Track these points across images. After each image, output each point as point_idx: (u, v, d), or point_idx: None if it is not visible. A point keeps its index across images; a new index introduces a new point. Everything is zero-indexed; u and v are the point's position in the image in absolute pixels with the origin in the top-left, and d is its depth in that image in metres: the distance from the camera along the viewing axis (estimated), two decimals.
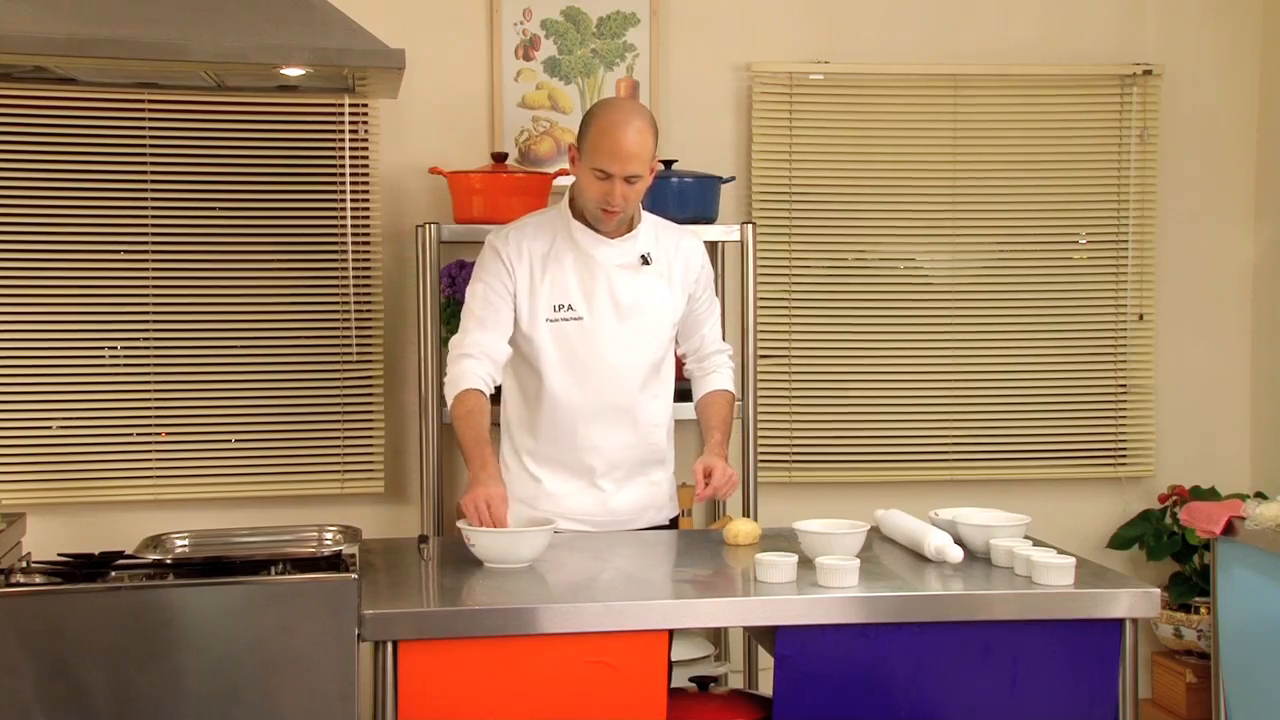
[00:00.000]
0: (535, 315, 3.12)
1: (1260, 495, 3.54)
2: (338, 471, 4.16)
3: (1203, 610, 4.27)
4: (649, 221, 3.21)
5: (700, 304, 3.27)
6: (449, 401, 3.07)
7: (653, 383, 3.21)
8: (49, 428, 4.05)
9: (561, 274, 3.12)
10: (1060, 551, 2.77)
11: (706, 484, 3.03)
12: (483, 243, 3.93)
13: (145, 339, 4.06)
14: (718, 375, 3.33)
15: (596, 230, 3.12)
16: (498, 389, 3.17)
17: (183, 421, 4.09)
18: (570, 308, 3.11)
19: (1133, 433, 4.52)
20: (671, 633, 2.55)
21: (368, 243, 4.14)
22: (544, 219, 3.20)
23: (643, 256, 3.15)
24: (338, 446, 4.16)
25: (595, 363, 3.12)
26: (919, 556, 2.87)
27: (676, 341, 3.30)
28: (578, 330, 3.11)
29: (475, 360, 3.07)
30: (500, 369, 3.11)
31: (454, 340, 3.14)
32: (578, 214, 3.14)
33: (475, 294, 3.15)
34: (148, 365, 4.06)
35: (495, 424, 3.11)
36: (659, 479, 3.27)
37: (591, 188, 3.04)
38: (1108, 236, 4.50)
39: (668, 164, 3.94)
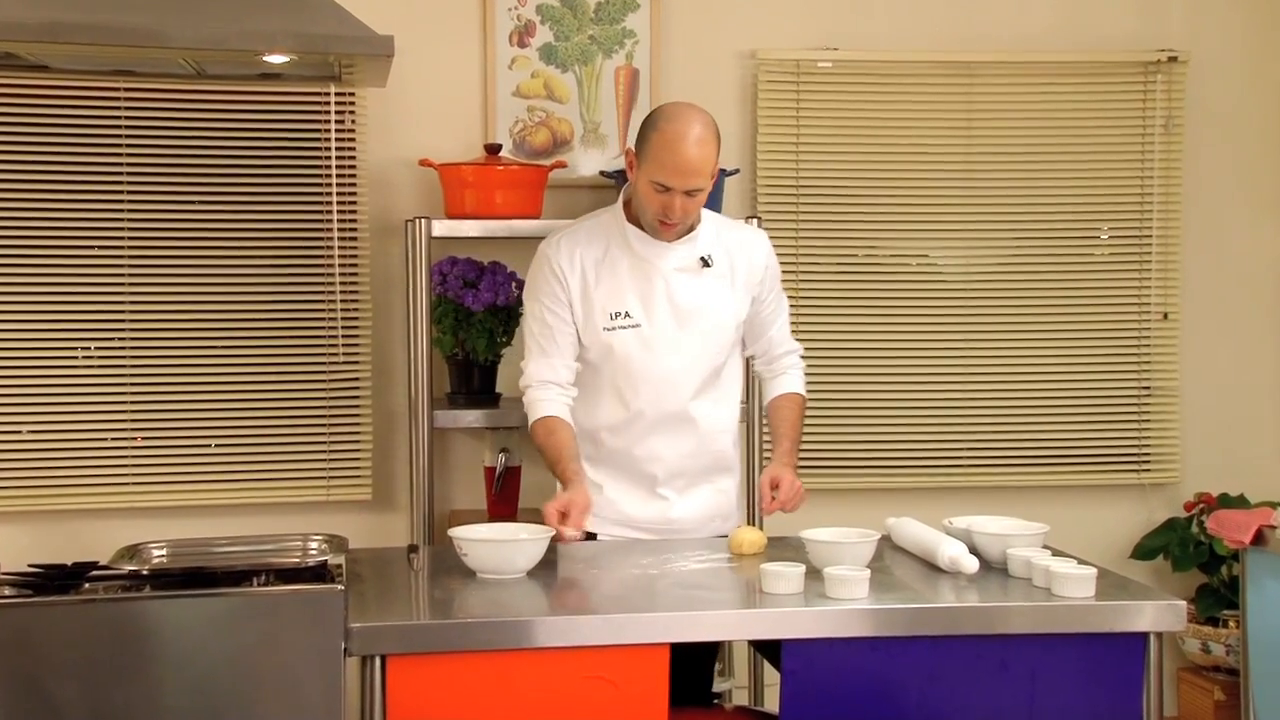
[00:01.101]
0: (591, 324, 3.14)
1: None
2: (323, 478, 4.16)
3: (1231, 624, 4.27)
4: (709, 221, 3.22)
5: (767, 304, 3.29)
6: (530, 431, 3.18)
7: (714, 388, 3.23)
8: (19, 432, 4.05)
9: (617, 280, 3.14)
10: (1081, 562, 2.77)
11: (773, 497, 3.08)
12: (474, 238, 3.98)
13: (120, 338, 4.06)
14: (787, 377, 3.36)
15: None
16: None
17: (160, 425, 4.09)
18: (627, 315, 3.14)
19: (1157, 437, 4.53)
20: (673, 647, 2.55)
21: (355, 238, 4.14)
22: (598, 223, 3.21)
23: (703, 259, 3.16)
24: (323, 451, 4.16)
25: (654, 371, 3.14)
26: (932, 567, 2.86)
27: (744, 343, 3.31)
28: (636, 338, 3.13)
29: (539, 389, 3.15)
30: (570, 386, 3.17)
31: (523, 364, 3.22)
32: (633, 218, 3.15)
33: (532, 314, 3.19)
34: (123, 366, 4.07)
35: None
36: (726, 487, 3.29)
37: (650, 200, 3.06)
38: (1130, 231, 4.50)
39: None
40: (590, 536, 3.18)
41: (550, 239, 3.21)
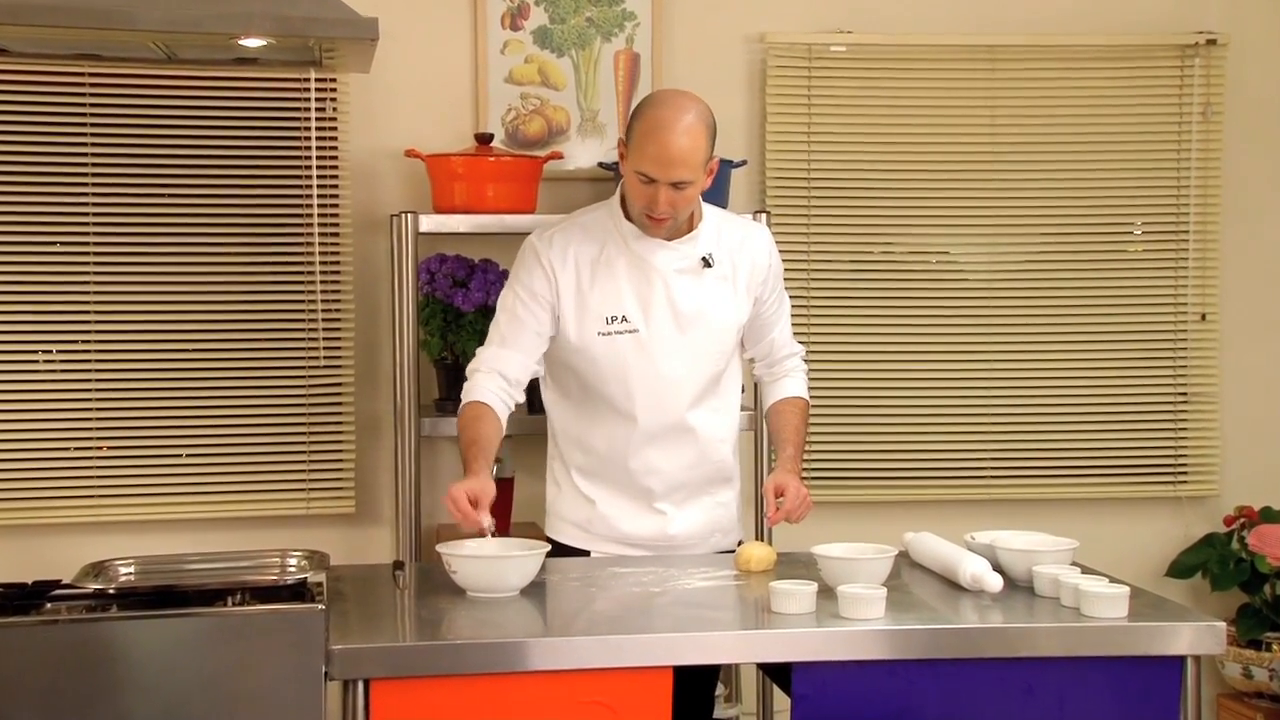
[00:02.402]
0: (585, 328, 3.14)
1: None
2: (302, 489, 4.17)
3: (1274, 647, 4.27)
4: (711, 217, 3.22)
5: (769, 306, 3.29)
6: (459, 411, 3.14)
7: (714, 395, 3.23)
8: None
9: (614, 282, 3.14)
10: (1112, 580, 2.77)
11: (778, 506, 3.08)
12: (464, 234, 3.99)
13: (84, 341, 4.06)
14: (790, 380, 3.36)
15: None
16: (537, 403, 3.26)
17: (127, 433, 4.09)
18: (624, 319, 3.13)
19: (1194, 447, 4.53)
20: (676, 670, 2.55)
21: (336, 234, 4.15)
22: (593, 219, 3.21)
23: (704, 259, 3.16)
24: (302, 461, 4.16)
25: (652, 378, 3.14)
26: (953, 585, 2.87)
27: (743, 346, 3.32)
28: (633, 344, 3.13)
29: (485, 375, 3.13)
30: (518, 389, 3.16)
31: (477, 350, 3.20)
32: (629, 213, 3.16)
33: (504, 304, 3.19)
34: (87, 370, 4.07)
35: (506, 436, 3.18)
36: (726, 499, 3.30)
37: (636, 192, 3.06)
38: (1166, 227, 4.50)
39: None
40: (583, 554, 3.19)
41: (542, 233, 3.21)
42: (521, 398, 3.18)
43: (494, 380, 3.13)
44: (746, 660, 2.93)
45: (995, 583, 2.76)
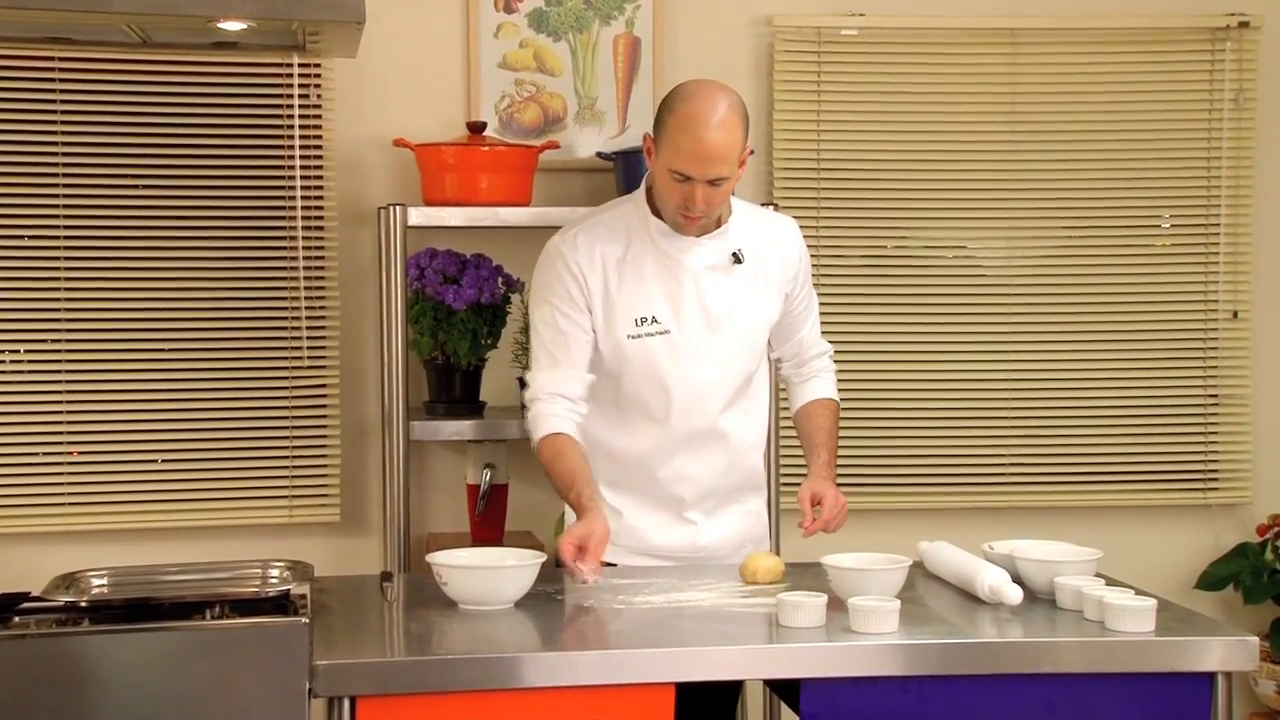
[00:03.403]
0: (614, 330, 3.14)
1: None
2: (285, 497, 4.17)
3: None
4: (740, 211, 3.22)
5: (798, 302, 3.30)
6: (535, 450, 3.15)
7: (745, 399, 3.24)
8: None
9: (642, 281, 3.15)
10: (1138, 592, 2.77)
11: (815, 515, 3.10)
12: (455, 227, 3.99)
13: (55, 340, 4.07)
14: (819, 381, 3.38)
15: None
16: None
17: (99, 437, 4.09)
18: (655, 320, 3.14)
19: (1225, 452, 4.53)
20: (691, 689, 2.55)
21: (321, 228, 4.15)
22: (617, 215, 3.22)
23: (734, 255, 3.17)
24: (285, 467, 4.17)
25: (684, 382, 3.15)
26: (971, 597, 2.87)
27: (770, 345, 3.33)
28: (664, 346, 3.14)
29: (546, 403, 3.13)
30: (582, 401, 3.16)
31: (529, 375, 3.20)
32: (656, 209, 3.16)
33: (542, 319, 3.18)
34: (58, 371, 4.07)
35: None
36: (756, 508, 3.31)
37: (669, 191, 3.06)
38: (1196, 220, 4.50)
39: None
40: (608, 566, 3.19)
41: (564, 235, 3.21)
42: (585, 409, 3.17)
43: (557, 405, 3.12)
44: (753, 677, 2.92)
45: (1015, 595, 2.77)
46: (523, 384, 3.25)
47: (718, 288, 3.17)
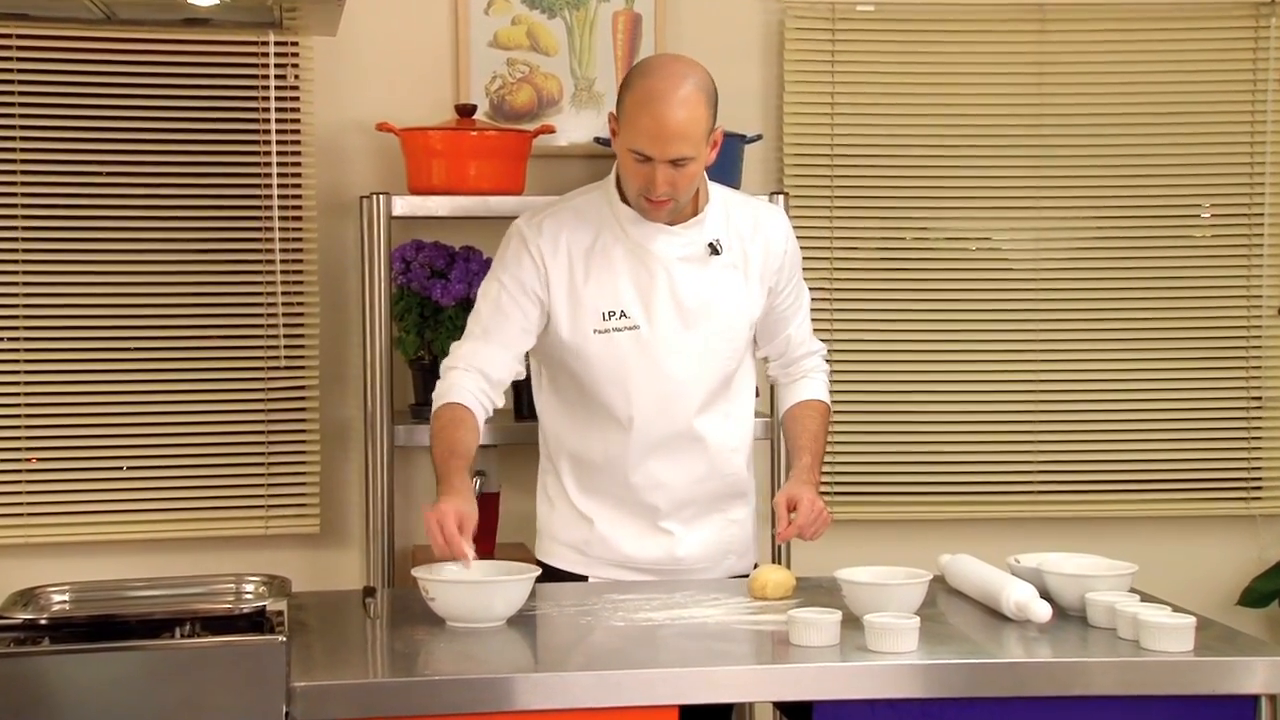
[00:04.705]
0: (580, 325, 3.15)
1: None
2: (260, 506, 4.17)
3: None
4: (718, 198, 3.23)
5: (784, 297, 3.30)
6: (432, 413, 3.14)
7: (724, 400, 3.24)
8: None
9: (610, 273, 3.16)
10: (1176, 609, 2.78)
11: (791, 520, 3.09)
12: (443, 218, 3.99)
13: (11, 338, 4.06)
14: (808, 382, 3.38)
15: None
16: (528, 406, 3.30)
17: (60, 443, 4.09)
18: (623, 314, 3.15)
19: (1270, 458, 4.53)
20: (683, 709, 2.56)
21: (299, 219, 4.15)
22: (586, 203, 3.23)
23: (711, 245, 3.18)
24: (260, 475, 4.17)
25: (655, 381, 3.16)
26: (995, 614, 2.87)
27: (756, 343, 3.33)
28: (633, 341, 3.15)
29: (463, 373, 3.14)
30: (499, 390, 3.17)
31: (454, 343, 3.21)
32: (625, 196, 3.17)
33: (487, 294, 3.19)
34: (15, 372, 4.07)
35: (489, 446, 3.27)
36: (740, 517, 3.31)
37: (631, 173, 3.08)
38: (1237, 209, 4.50)
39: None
40: (580, 579, 3.20)
41: (528, 218, 3.22)
42: (501, 402, 3.19)
43: (474, 379, 3.13)
44: (762, 699, 2.93)
45: (1043, 612, 2.77)
46: None
47: (692, 280, 3.17)
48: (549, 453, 3.31)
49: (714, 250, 3.18)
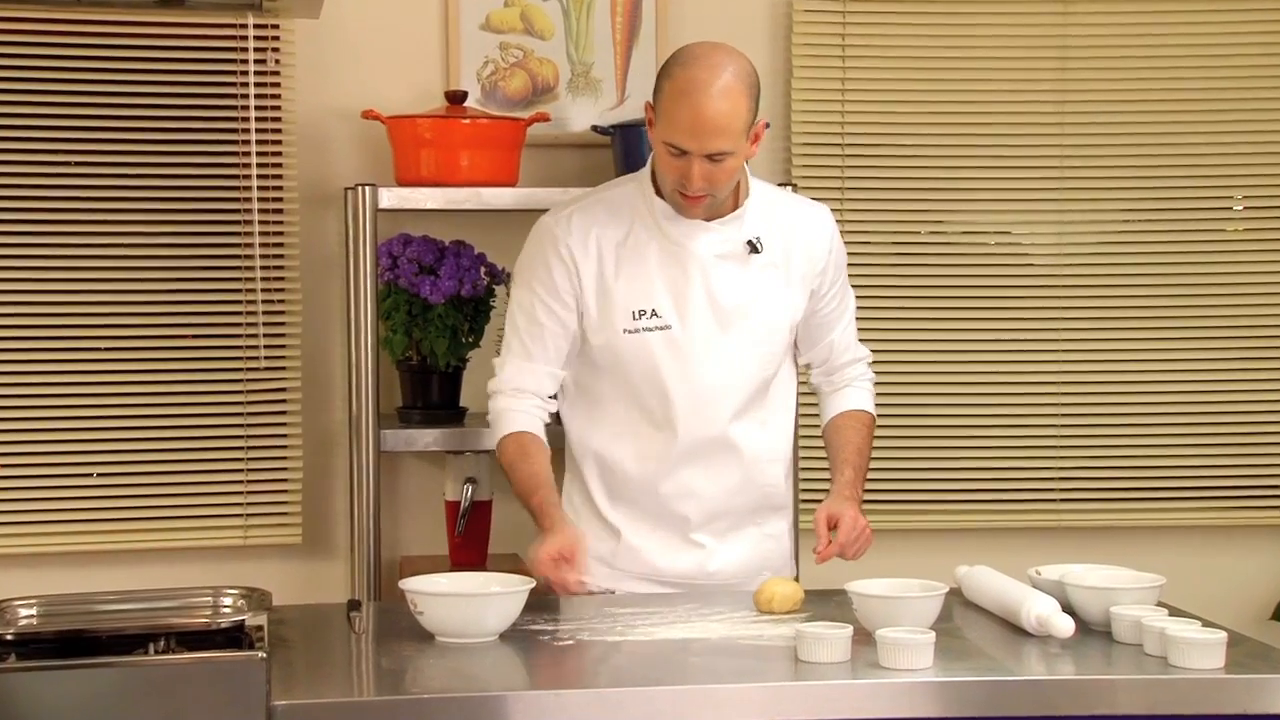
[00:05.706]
0: (610, 323, 3.17)
1: None
2: (239, 515, 4.18)
3: None
4: (759, 193, 3.24)
5: (828, 301, 3.32)
6: (495, 447, 3.24)
7: (761, 407, 3.26)
8: None
9: (643, 270, 3.17)
10: (1206, 624, 2.78)
11: (831, 539, 3.12)
12: (432, 210, 3.99)
13: None
14: (851, 391, 3.40)
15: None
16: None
17: (25, 449, 4.09)
18: (655, 314, 3.16)
19: None
20: None
21: (281, 211, 4.16)
22: (618, 195, 3.24)
23: (750, 243, 3.19)
24: (239, 482, 4.17)
25: (688, 385, 3.17)
26: (1015, 629, 2.88)
27: (797, 348, 3.34)
28: (665, 342, 3.16)
29: (513, 398, 3.21)
30: (551, 399, 3.24)
31: (496, 363, 3.27)
32: (661, 190, 3.18)
33: (520, 305, 3.23)
34: None
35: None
36: (776, 531, 3.33)
37: (666, 166, 3.09)
38: (1272, 201, 4.51)
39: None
40: (606, 595, 3.21)
41: (557, 213, 3.23)
42: (554, 406, 3.25)
43: (525, 402, 3.20)
44: (771, 719, 2.93)
45: (1066, 626, 2.77)
46: None
47: (730, 279, 3.18)
48: (575, 461, 3.32)
49: (753, 248, 3.18)
